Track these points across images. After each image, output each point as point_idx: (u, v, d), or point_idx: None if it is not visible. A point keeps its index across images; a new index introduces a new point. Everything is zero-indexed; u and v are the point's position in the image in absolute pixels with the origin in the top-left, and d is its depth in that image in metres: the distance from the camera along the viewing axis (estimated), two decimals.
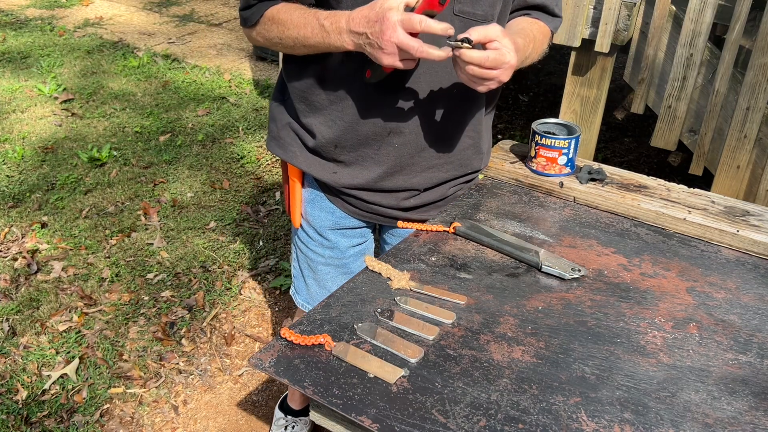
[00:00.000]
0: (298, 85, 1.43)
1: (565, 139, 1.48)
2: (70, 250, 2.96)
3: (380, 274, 1.22)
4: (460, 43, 1.13)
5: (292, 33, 1.30)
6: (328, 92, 1.39)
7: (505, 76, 1.18)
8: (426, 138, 1.42)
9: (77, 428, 2.16)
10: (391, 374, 0.99)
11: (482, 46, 1.15)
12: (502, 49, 1.14)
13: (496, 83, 1.18)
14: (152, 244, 3.02)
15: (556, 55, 5.46)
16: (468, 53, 1.13)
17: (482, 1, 1.31)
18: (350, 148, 1.43)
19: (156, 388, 2.33)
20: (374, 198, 1.50)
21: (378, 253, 1.76)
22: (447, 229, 1.37)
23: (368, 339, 1.06)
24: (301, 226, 1.61)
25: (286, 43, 1.33)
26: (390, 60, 1.15)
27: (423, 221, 1.56)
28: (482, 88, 1.20)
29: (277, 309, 2.73)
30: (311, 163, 1.48)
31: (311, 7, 1.32)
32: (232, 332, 2.59)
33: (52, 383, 2.31)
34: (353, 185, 1.47)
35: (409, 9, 1.14)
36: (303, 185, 1.56)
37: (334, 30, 1.22)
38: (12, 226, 3.10)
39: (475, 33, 1.13)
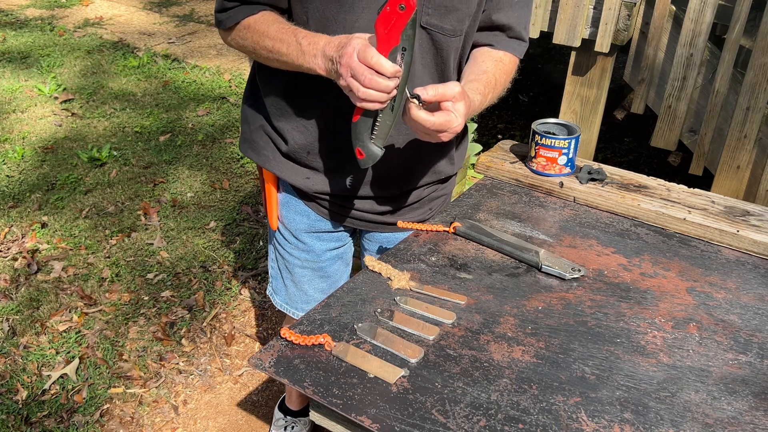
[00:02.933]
0: (271, 89, 1.42)
1: (565, 139, 1.48)
2: (70, 250, 2.96)
3: (380, 274, 1.22)
4: (410, 96, 1.12)
5: (267, 44, 1.28)
6: (301, 98, 1.38)
7: (447, 137, 1.18)
8: (400, 150, 1.40)
9: (77, 428, 2.16)
10: (391, 374, 0.99)
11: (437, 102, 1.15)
12: (452, 113, 1.14)
13: (435, 140, 1.19)
14: (152, 244, 3.02)
15: (557, 55, 5.46)
16: (415, 112, 1.12)
17: (451, 16, 1.29)
18: (323, 156, 1.41)
19: (156, 388, 2.33)
20: (348, 203, 1.48)
21: (357, 257, 1.75)
22: (447, 229, 1.37)
23: (368, 339, 1.06)
24: (278, 228, 1.60)
25: (259, 53, 1.32)
26: (345, 84, 1.13)
27: (396, 224, 1.55)
28: (424, 138, 1.21)
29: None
30: (284, 167, 1.46)
31: (284, 14, 1.32)
32: (232, 332, 2.59)
33: (52, 383, 2.31)
34: (327, 192, 1.46)
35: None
36: (278, 188, 1.54)
37: (310, 51, 1.21)
38: (12, 226, 3.10)
39: (431, 92, 1.12)
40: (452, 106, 1.15)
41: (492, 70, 1.36)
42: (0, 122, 4.02)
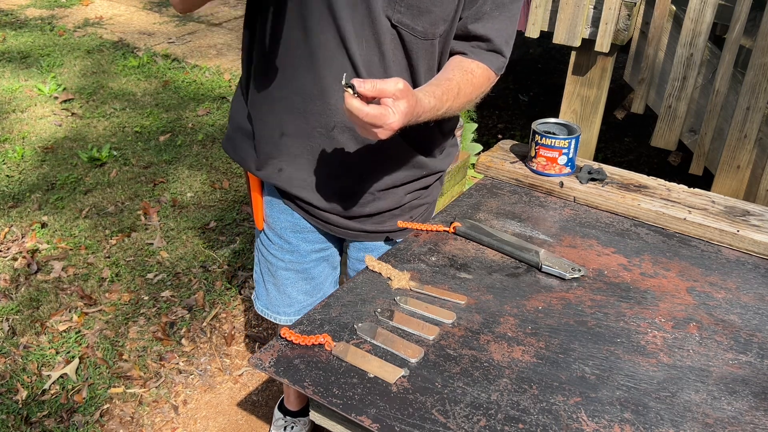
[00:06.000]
0: (247, 74, 1.42)
1: (565, 139, 1.48)
2: (70, 250, 2.96)
3: (380, 274, 1.22)
4: (344, 85, 1.07)
5: None
6: (273, 81, 1.35)
7: (383, 134, 1.11)
8: (364, 143, 1.37)
9: (77, 428, 2.16)
10: (391, 374, 0.99)
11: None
12: (389, 109, 1.08)
13: (372, 136, 1.12)
14: (152, 244, 3.02)
15: (557, 55, 5.46)
16: (349, 100, 1.07)
17: (424, 17, 1.25)
18: (295, 137, 1.38)
19: (156, 388, 2.33)
20: (324, 205, 1.45)
21: (343, 265, 1.74)
22: (447, 229, 1.37)
23: (368, 339, 1.06)
24: (263, 229, 1.58)
25: None
26: None
27: (380, 232, 1.52)
28: (361, 133, 1.14)
29: None
30: (258, 162, 1.45)
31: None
32: (232, 332, 2.59)
33: (52, 383, 2.31)
34: (299, 185, 1.43)
35: None
36: (262, 187, 1.53)
37: None
38: (12, 226, 3.10)
39: (368, 86, 1.07)
40: (392, 102, 1.09)
41: (457, 78, 1.31)
42: (0, 122, 4.02)
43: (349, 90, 1.07)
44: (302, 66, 1.32)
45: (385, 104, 1.09)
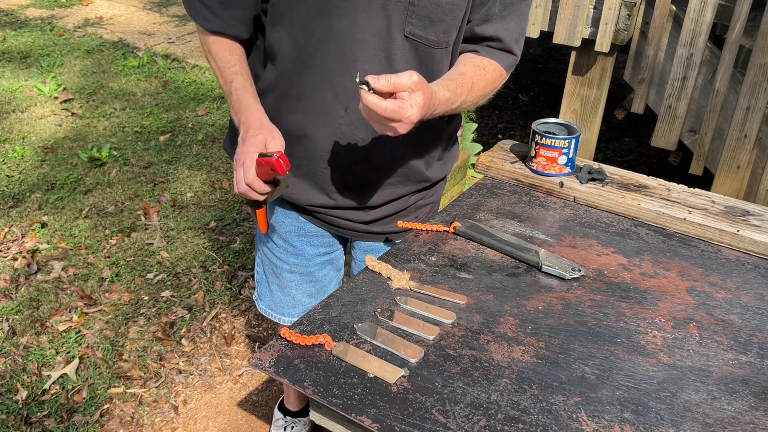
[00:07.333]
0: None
1: (565, 139, 1.48)
2: (70, 250, 2.96)
3: (380, 274, 1.22)
4: (359, 82, 1.08)
5: (213, 68, 1.35)
6: (281, 103, 1.36)
7: (403, 128, 1.11)
8: (380, 159, 1.38)
9: (77, 428, 2.16)
10: (391, 374, 0.99)
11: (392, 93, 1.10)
12: (406, 101, 1.09)
13: (392, 132, 1.12)
14: (152, 243, 3.02)
15: (557, 54, 5.46)
16: (366, 97, 1.07)
17: (436, 27, 1.26)
18: (298, 160, 1.38)
19: (156, 388, 2.33)
20: (331, 212, 1.47)
21: (348, 266, 1.74)
22: (447, 229, 1.37)
23: (368, 339, 1.06)
24: (267, 232, 1.58)
25: (209, 63, 1.39)
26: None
27: (387, 233, 1.52)
28: (380, 129, 1.14)
29: None
30: None
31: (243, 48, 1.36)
32: (232, 332, 2.59)
33: (52, 383, 2.31)
34: (307, 202, 1.44)
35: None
36: None
37: (234, 107, 1.29)
38: (12, 226, 3.10)
39: (383, 81, 1.07)
40: (408, 95, 1.09)
41: (470, 73, 1.31)
42: (0, 122, 4.02)
43: (364, 87, 1.08)
44: (305, 91, 1.31)
45: (402, 98, 1.09)
